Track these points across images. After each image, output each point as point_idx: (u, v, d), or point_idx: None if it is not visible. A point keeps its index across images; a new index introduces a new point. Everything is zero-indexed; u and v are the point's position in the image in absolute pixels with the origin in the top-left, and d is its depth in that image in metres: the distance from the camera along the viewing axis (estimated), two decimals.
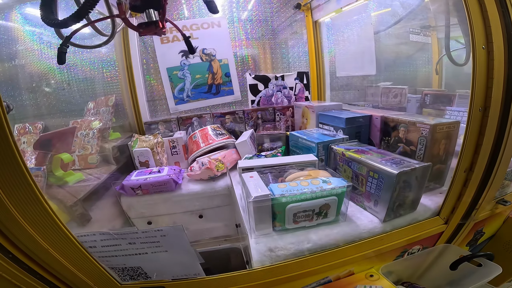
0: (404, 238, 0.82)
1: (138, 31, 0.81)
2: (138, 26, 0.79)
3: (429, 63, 1.68)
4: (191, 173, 1.16)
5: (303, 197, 0.72)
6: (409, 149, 0.93)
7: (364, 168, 0.83)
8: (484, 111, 0.73)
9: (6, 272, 0.54)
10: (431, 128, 0.84)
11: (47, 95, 1.33)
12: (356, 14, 1.50)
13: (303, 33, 1.69)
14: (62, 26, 0.67)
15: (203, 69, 1.59)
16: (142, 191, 1.08)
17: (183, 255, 0.68)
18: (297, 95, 1.70)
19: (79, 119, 1.26)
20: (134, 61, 1.46)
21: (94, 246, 0.64)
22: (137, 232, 0.62)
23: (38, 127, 1.22)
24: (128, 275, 0.72)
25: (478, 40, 0.68)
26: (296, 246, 0.75)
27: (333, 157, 0.98)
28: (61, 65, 0.74)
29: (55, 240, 0.57)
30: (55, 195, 0.96)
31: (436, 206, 0.88)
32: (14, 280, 0.56)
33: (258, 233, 0.78)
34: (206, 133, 1.36)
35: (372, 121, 1.08)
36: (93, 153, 1.18)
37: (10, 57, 1.22)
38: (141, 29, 0.79)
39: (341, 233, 0.78)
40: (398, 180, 0.72)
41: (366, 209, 0.87)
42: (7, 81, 1.22)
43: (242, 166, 0.95)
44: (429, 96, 1.51)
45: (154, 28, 0.79)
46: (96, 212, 1.05)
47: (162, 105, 1.62)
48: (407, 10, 1.34)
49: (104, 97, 1.38)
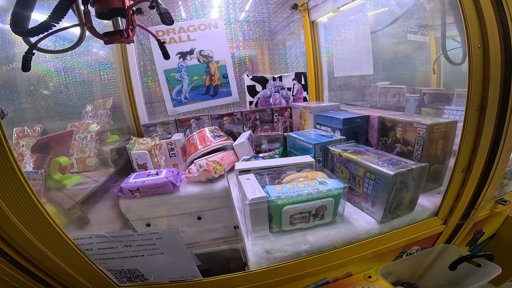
0: (402, 239, 0.82)
1: (103, 39, 0.80)
2: (103, 35, 0.79)
3: (427, 62, 1.68)
4: (189, 175, 1.16)
5: (299, 199, 0.72)
6: (406, 149, 0.92)
7: (361, 169, 0.82)
8: (481, 110, 0.72)
9: (5, 274, 0.54)
10: (428, 128, 0.84)
11: (45, 98, 1.33)
12: (353, 14, 1.50)
13: (300, 34, 1.69)
14: (32, 34, 0.65)
15: (201, 71, 1.59)
16: (141, 193, 1.08)
17: (180, 258, 0.68)
18: (295, 96, 1.70)
19: (77, 122, 1.26)
20: (132, 63, 1.46)
21: (91, 248, 0.64)
22: (133, 235, 0.62)
23: (37, 130, 1.22)
24: (126, 277, 0.72)
25: (473, 39, 0.67)
26: (293, 248, 0.74)
27: (330, 158, 0.98)
28: (25, 72, 0.74)
29: (52, 243, 0.58)
30: (54, 198, 0.97)
31: (434, 206, 0.88)
32: (13, 282, 0.56)
33: (255, 235, 0.78)
34: (204, 135, 1.36)
35: (370, 122, 1.08)
36: (91, 156, 1.18)
37: (7, 60, 1.23)
38: (106, 38, 0.79)
39: (338, 234, 0.78)
40: (395, 181, 0.72)
41: (364, 210, 0.87)
42: (5, 84, 1.22)
43: (239, 168, 0.94)
44: (427, 95, 1.51)
45: (120, 37, 0.79)
46: (95, 214, 1.05)
47: (160, 107, 1.62)
48: (403, 9, 1.33)
49: (102, 99, 1.38)
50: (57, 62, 1.32)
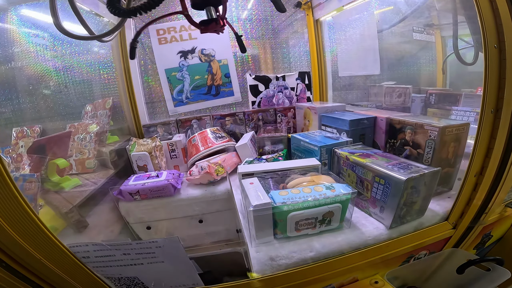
0: (410, 244, 0.79)
1: (199, 28, 0.82)
2: (200, 23, 0.81)
3: (432, 61, 1.65)
4: (191, 177, 1.14)
5: (306, 205, 0.69)
6: (416, 152, 0.89)
7: (369, 173, 0.79)
8: (496, 112, 0.69)
9: (1, 280, 0.52)
10: (440, 131, 0.80)
11: (44, 97, 1.31)
12: (359, 13, 1.47)
13: (304, 32, 1.65)
14: (128, 15, 0.64)
15: (202, 70, 1.56)
16: (140, 196, 1.06)
17: (180, 266, 0.66)
18: (298, 96, 1.67)
19: (76, 123, 1.23)
20: (132, 62, 1.43)
21: (88, 256, 0.62)
22: (131, 243, 0.59)
23: (36, 130, 1.20)
24: (125, 284, 0.70)
25: (490, 39, 0.64)
26: (298, 255, 0.72)
27: (337, 161, 0.95)
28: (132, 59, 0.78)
29: (46, 250, 0.56)
30: (51, 201, 0.94)
31: (444, 210, 0.85)
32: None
33: (259, 241, 0.75)
34: (206, 136, 1.33)
35: (377, 123, 1.05)
36: (90, 157, 1.16)
37: (6, 60, 1.20)
38: (202, 26, 0.81)
39: (345, 241, 0.75)
40: (406, 186, 0.69)
41: (372, 215, 0.84)
42: (4, 84, 1.19)
43: (242, 172, 0.91)
44: (434, 95, 1.48)
45: (215, 25, 0.80)
46: (94, 217, 1.03)
47: (161, 107, 1.59)
48: (411, 8, 1.30)
49: (101, 99, 1.35)
50: (57, 62, 1.29)
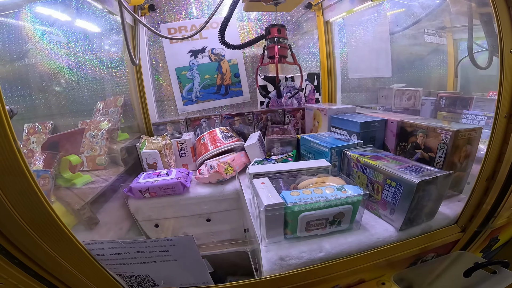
0: (419, 246, 0.79)
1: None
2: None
3: (443, 64, 1.63)
4: (200, 176, 1.14)
5: (317, 205, 0.69)
6: (427, 155, 0.89)
7: (380, 175, 0.79)
8: (509, 117, 0.69)
9: (11, 277, 0.53)
10: (452, 135, 0.80)
11: (56, 94, 1.32)
12: (370, 14, 1.46)
13: (313, 33, 1.65)
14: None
15: (212, 70, 1.57)
16: (150, 194, 1.07)
17: (192, 264, 0.66)
18: (307, 97, 1.67)
19: (88, 120, 1.25)
20: (143, 61, 1.45)
21: (102, 254, 0.62)
22: (146, 241, 0.60)
23: (48, 126, 1.21)
24: (136, 282, 0.71)
25: (506, 43, 0.64)
26: (308, 255, 0.72)
27: (347, 163, 0.94)
28: None
29: (62, 248, 0.56)
30: (63, 197, 0.95)
31: (454, 214, 0.85)
32: (20, 285, 0.54)
33: (269, 241, 0.75)
34: (215, 135, 1.34)
35: (388, 126, 1.04)
36: (101, 154, 1.17)
37: (20, 56, 1.22)
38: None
39: (355, 242, 0.75)
40: (418, 189, 0.69)
41: (381, 217, 0.84)
42: (17, 81, 1.21)
43: (253, 172, 0.92)
44: (444, 98, 1.47)
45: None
46: (104, 215, 1.04)
47: (171, 106, 1.60)
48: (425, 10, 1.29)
49: (113, 97, 1.37)
50: (70, 59, 1.31)
